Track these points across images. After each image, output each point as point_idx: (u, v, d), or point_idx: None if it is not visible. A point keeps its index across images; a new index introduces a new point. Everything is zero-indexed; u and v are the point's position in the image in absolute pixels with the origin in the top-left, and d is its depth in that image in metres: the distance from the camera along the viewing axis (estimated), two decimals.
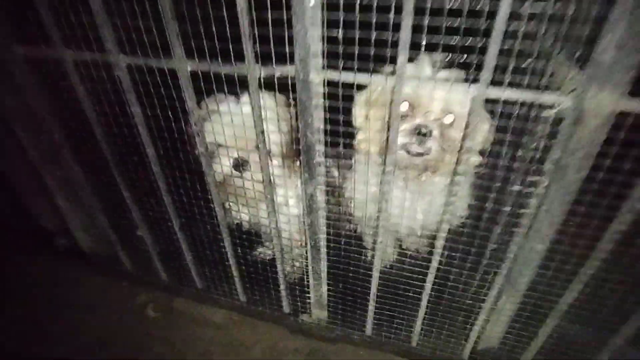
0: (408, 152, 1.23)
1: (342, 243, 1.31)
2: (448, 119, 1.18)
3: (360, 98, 1.28)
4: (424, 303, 1.33)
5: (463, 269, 1.16)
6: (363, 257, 1.80)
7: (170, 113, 1.13)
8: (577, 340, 1.28)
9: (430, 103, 1.13)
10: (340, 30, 0.80)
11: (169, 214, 1.47)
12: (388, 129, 0.93)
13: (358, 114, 1.30)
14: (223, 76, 1.00)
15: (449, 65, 1.51)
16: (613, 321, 1.15)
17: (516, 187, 0.97)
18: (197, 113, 1.10)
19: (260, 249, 1.96)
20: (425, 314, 1.37)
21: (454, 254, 1.14)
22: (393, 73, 0.84)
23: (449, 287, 1.24)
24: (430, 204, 1.40)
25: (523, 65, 0.83)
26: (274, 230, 1.33)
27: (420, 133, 1.18)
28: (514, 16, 0.69)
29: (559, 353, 1.30)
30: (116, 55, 1.06)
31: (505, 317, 1.28)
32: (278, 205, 1.32)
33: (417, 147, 1.20)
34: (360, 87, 0.93)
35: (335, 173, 1.83)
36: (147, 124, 1.18)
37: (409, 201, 1.37)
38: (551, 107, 0.81)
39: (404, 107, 1.20)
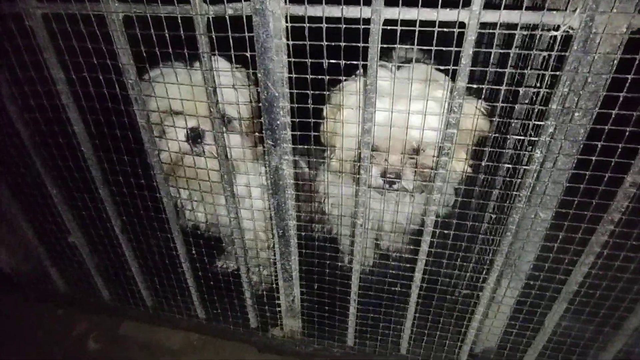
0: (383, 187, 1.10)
1: (316, 231, 1.11)
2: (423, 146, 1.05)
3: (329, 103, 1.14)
4: (412, 300, 1.15)
5: (457, 250, 0.99)
6: (340, 257, 1.62)
7: (101, 75, 0.92)
8: (583, 333, 1.13)
9: (396, 143, 1.00)
10: None
11: (107, 213, 1.23)
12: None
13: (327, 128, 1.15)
14: (164, 20, 0.81)
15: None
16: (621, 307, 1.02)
17: (516, 137, 0.83)
18: (133, 72, 0.90)
19: (221, 260, 1.72)
20: (415, 313, 1.18)
21: (445, 231, 0.97)
22: None
23: (441, 276, 1.06)
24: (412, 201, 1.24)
25: None
26: (235, 225, 1.12)
27: (388, 179, 1.08)
28: None
29: (566, 350, 1.13)
30: (28, 1, 0.86)
31: (505, 307, 1.11)
32: (239, 196, 1.12)
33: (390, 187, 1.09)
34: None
35: (305, 165, 1.66)
36: (73, 91, 0.97)
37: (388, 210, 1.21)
38: (556, 28, 0.69)
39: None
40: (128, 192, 1.15)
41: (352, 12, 0.74)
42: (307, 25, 0.75)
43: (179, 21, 0.81)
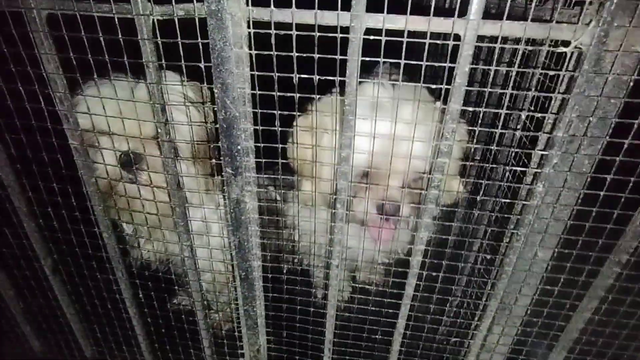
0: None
1: (285, 273, 0.96)
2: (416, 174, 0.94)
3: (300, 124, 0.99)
4: (395, 349, 1.01)
5: (447, 295, 0.87)
6: (313, 297, 1.46)
7: (20, 86, 0.75)
8: None
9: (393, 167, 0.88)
10: None
11: (34, 250, 1.03)
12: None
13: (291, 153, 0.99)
14: (97, 21, 0.66)
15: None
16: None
17: (514, 168, 0.72)
18: (61, 83, 0.74)
19: (176, 299, 1.52)
20: None
21: (433, 274, 0.84)
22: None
23: (428, 321, 0.93)
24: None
25: None
26: (190, 265, 0.95)
27: (386, 212, 0.96)
28: None
29: None
30: None
31: (499, 356, 0.99)
32: (194, 231, 0.95)
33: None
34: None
35: (273, 194, 1.51)
36: None
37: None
38: (566, 43, 0.59)
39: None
40: (60, 227, 0.96)
41: (327, 18, 0.62)
42: (274, 32, 0.62)
43: (117, 24, 0.66)
